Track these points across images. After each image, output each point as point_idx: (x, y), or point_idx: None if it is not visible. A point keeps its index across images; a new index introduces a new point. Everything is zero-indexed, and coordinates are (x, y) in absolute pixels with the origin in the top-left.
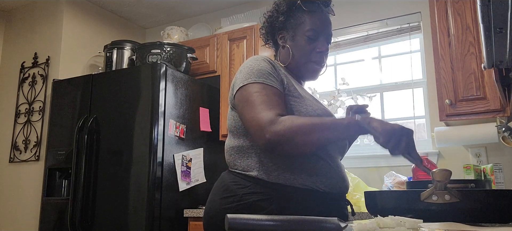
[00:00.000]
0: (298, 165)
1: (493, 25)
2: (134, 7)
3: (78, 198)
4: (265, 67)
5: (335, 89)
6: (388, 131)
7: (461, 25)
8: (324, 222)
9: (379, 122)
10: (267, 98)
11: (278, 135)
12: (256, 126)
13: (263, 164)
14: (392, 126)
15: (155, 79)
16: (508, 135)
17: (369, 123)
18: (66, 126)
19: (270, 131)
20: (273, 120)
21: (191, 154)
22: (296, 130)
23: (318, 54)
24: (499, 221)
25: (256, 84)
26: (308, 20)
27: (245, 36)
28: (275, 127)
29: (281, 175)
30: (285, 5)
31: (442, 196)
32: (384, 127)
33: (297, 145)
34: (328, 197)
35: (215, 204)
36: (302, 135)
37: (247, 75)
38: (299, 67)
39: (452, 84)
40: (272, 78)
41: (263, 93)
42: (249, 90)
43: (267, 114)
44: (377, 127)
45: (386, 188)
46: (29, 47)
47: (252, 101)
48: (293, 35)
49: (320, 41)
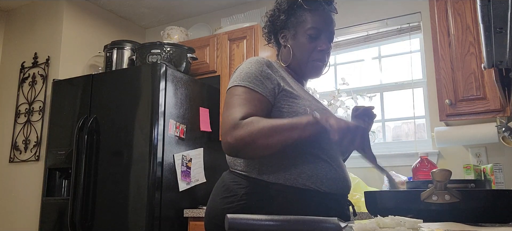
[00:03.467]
0: (299, 166)
1: (493, 25)
2: (134, 7)
3: (78, 198)
4: (255, 70)
5: (335, 89)
6: (342, 128)
7: (461, 25)
8: (324, 222)
9: (336, 119)
10: (244, 102)
11: (239, 140)
12: (223, 129)
13: (263, 164)
14: (347, 124)
15: (155, 79)
16: (508, 135)
17: (327, 120)
18: (66, 126)
19: (232, 135)
20: (236, 124)
21: (191, 154)
22: (256, 134)
23: (320, 53)
24: (499, 221)
25: (239, 88)
26: (310, 18)
27: (245, 36)
28: (236, 131)
29: (282, 175)
30: (286, 3)
31: (442, 196)
32: (340, 125)
33: (258, 148)
34: (329, 198)
35: (216, 204)
36: (262, 138)
37: (236, 77)
38: (300, 66)
39: (452, 84)
40: (257, 82)
41: (242, 97)
42: (232, 92)
43: (233, 118)
44: (333, 124)
45: (386, 188)
46: (29, 47)
47: (230, 103)
48: (294, 34)
49: (321, 40)
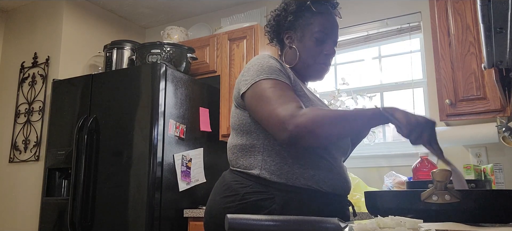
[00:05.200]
0: (300, 165)
1: (493, 25)
2: (134, 7)
3: (78, 198)
4: (274, 64)
5: (335, 89)
6: (412, 123)
7: (461, 25)
8: (324, 222)
9: (403, 113)
10: (283, 93)
11: (301, 127)
12: (276, 120)
13: (266, 162)
14: (417, 118)
15: (155, 79)
16: (508, 135)
17: (393, 114)
18: (66, 126)
19: (293, 123)
20: (294, 113)
21: (191, 154)
22: (320, 121)
23: (326, 57)
24: (499, 221)
25: (269, 80)
26: (317, 21)
27: (245, 36)
28: (297, 119)
29: (284, 174)
30: (295, 5)
31: (442, 196)
32: (408, 119)
33: (321, 136)
34: (330, 197)
35: (216, 204)
36: (326, 126)
37: (258, 72)
38: (305, 68)
39: (452, 84)
40: (283, 76)
41: (277, 88)
42: (262, 86)
43: (286, 107)
44: (400, 118)
45: (386, 188)
46: (29, 47)
47: (267, 96)
48: (301, 36)
49: (327, 44)
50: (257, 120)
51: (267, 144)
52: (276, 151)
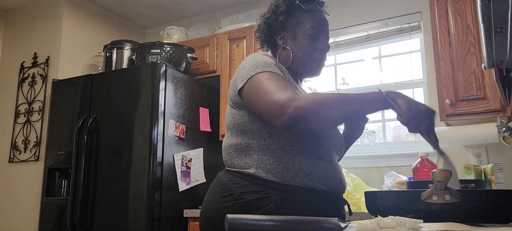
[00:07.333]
0: (296, 164)
1: (494, 25)
2: (133, 7)
3: (77, 198)
4: (269, 60)
5: (335, 89)
6: (413, 111)
7: (462, 25)
8: (324, 222)
9: (405, 99)
10: (279, 82)
11: (300, 109)
12: (275, 105)
13: (262, 161)
14: (418, 107)
15: (155, 79)
16: (508, 135)
17: (395, 99)
18: (65, 126)
19: (292, 105)
20: (293, 96)
21: (191, 154)
22: (320, 103)
23: (321, 52)
24: (499, 221)
25: (265, 73)
26: (308, 18)
27: (245, 36)
28: (296, 102)
29: (279, 173)
30: (284, 5)
31: (443, 196)
32: (410, 107)
33: (321, 118)
34: (326, 196)
35: (212, 204)
36: (326, 108)
37: (253, 67)
38: (301, 66)
39: (452, 84)
40: (278, 70)
41: (274, 78)
42: (258, 79)
43: (285, 93)
44: (402, 105)
45: (386, 188)
46: (29, 47)
47: (264, 87)
48: (294, 35)
49: (320, 39)
50: (255, 111)
51: (262, 143)
52: (272, 150)
